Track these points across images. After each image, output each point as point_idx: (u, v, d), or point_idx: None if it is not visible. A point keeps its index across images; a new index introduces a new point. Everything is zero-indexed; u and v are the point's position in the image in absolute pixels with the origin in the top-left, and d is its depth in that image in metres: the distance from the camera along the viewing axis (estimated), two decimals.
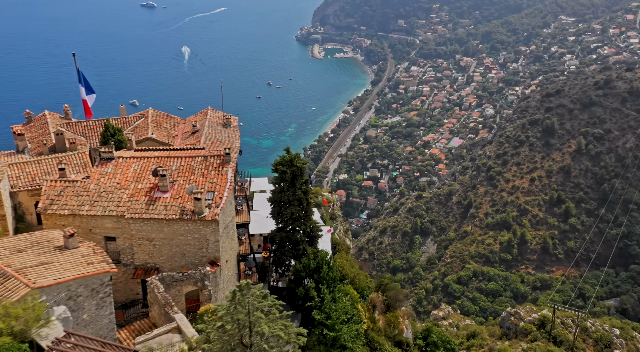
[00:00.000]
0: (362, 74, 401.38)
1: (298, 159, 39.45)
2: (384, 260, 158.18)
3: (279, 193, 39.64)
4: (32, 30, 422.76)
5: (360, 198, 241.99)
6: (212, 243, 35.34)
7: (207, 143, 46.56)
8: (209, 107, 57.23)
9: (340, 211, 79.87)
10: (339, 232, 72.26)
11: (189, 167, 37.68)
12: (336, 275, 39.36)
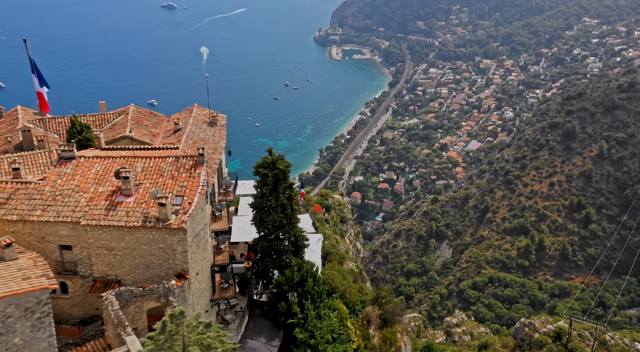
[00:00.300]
0: (379, 76, 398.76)
1: (281, 160, 36.45)
2: (398, 264, 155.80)
3: (260, 198, 36.77)
4: (55, 30, 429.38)
5: (376, 200, 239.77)
6: (180, 254, 31.70)
7: (188, 142, 43.38)
8: (195, 104, 53.62)
9: (352, 214, 78.04)
10: (350, 235, 70.77)
11: (157, 169, 34.10)
12: (323, 289, 36.18)
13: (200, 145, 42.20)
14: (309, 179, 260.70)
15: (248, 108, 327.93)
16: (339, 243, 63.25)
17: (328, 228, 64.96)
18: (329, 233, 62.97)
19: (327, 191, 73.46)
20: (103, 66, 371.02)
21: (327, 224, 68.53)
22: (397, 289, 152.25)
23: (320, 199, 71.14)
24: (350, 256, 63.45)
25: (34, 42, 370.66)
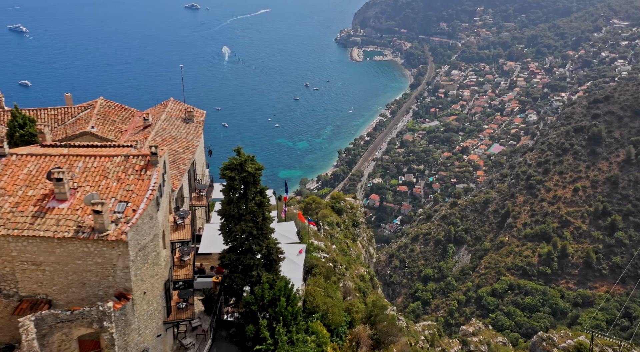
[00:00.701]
0: (401, 77, 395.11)
1: (251, 162, 31.87)
2: (415, 268, 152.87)
3: (227, 205, 32.42)
4: (80, 30, 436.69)
5: (395, 203, 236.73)
6: (121, 270, 26.94)
7: (156, 140, 38.95)
8: (171, 98, 49.25)
9: (364, 217, 75.79)
10: (362, 239, 68.68)
11: (101, 169, 29.19)
12: (298, 310, 31.67)
13: (170, 143, 39.78)
14: (327, 180, 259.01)
15: (268, 109, 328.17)
16: (349, 247, 61.18)
17: (339, 232, 62.72)
18: (340, 237, 60.87)
19: (339, 194, 71.35)
20: (127, 66, 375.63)
21: (358, 226, 66.58)
22: (413, 294, 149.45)
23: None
24: (361, 261, 61.36)
25: (60, 42, 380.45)
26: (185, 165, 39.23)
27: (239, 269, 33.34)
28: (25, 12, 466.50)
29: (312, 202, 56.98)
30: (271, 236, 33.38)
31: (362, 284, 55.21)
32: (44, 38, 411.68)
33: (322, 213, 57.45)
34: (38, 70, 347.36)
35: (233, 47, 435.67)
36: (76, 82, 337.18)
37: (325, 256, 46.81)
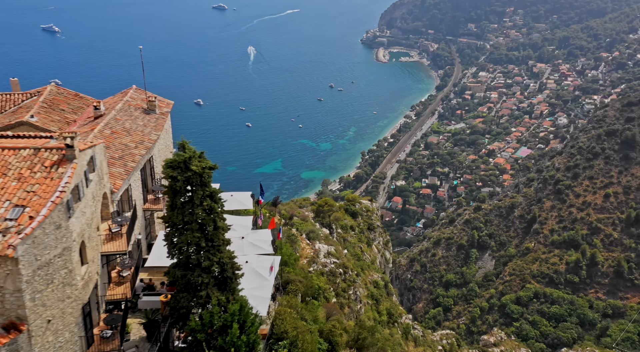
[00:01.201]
0: (427, 79, 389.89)
1: (197, 159, 26.20)
2: (436, 273, 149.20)
3: (171, 211, 27.06)
4: (111, 30, 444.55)
5: (418, 206, 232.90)
6: (10, 294, 21.24)
7: (104, 132, 33.94)
8: (133, 86, 43.51)
9: (381, 221, 73.28)
10: (378, 244, 66.29)
11: (1, 165, 24.05)
12: (256, 338, 25.92)
13: (121, 136, 34.46)
14: (349, 182, 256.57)
15: (292, 109, 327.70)
16: (364, 252, 58.90)
17: (353, 236, 60.40)
18: (354, 241, 58.63)
19: (355, 196, 68.91)
20: (154, 66, 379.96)
21: (374, 230, 63.87)
22: (434, 299, 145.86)
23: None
24: (376, 267, 58.97)
25: (90, 42, 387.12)
26: (134, 162, 33.17)
27: (185, 288, 27.53)
28: (58, 12, 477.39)
29: (324, 205, 54.78)
30: (227, 248, 27.50)
31: (376, 291, 52.87)
32: (75, 38, 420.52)
33: (335, 216, 55.22)
34: (68, 70, 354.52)
35: (259, 47, 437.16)
36: (104, 82, 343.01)
37: (335, 261, 44.69)
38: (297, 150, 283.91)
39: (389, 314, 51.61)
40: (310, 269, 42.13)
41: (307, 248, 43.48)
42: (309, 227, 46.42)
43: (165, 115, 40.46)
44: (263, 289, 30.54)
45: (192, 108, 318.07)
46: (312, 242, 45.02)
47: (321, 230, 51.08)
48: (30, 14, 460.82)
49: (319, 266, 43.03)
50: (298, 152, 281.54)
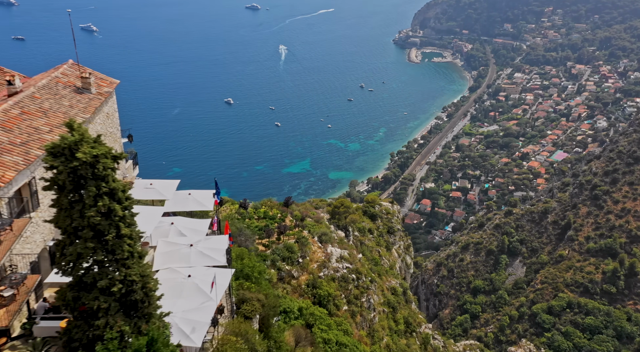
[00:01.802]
0: (459, 80, 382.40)
1: (89, 144, 19.08)
2: (464, 279, 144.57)
3: (58, 213, 20.05)
4: (146, 29, 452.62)
5: (447, 209, 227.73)
6: None
7: (10, 113, 27.82)
8: (69, 61, 36.40)
9: (401, 224, 70.35)
10: (399, 248, 63.40)
11: None
12: None
13: (34, 118, 28.23)
14: (377, 183, 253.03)
15: (322, 109, 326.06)
16: (382, 257, 56.12)
17: (371, 239, 57.66)
18: (371, 244, 56.00)
19: (374, 197, 65.76)
20: (186, 64, 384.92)
21: (394, 233, 60.84)
22: (462, 306, 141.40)
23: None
24: (394, 272, 56.17)
25: (126, 41, 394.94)
26: (42, 150, 26.08)
27: (81, 315, 20.57)
28: (97, 12, 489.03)
29: (340, 206, 52.30)
30: (138, 261, 20.61)
31: (393, 298, 50.15)
32: (111, 37, 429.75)
33: (351, 218, 52.59)
34: (104, 69, 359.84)
35: (290, 47, 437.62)
36: (138, 80, 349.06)
37: (347, 266, 42.22)
38: (326, 150, 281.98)
39: (407, 323, 48.87)
40: (321, 274, 39.75)
41: (318, 252, 41.11)
42: (321, 230, 44.04)
43: (104, 95, 33.39)
44: (203, 311, 24.12)
45: (222, 107, 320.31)
46: (324, 246, 42.61)
47: (336, 232, 48.61)
48: (71, 13, 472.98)
49: (330, 271, 40.67)
50: (326, 153, 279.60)
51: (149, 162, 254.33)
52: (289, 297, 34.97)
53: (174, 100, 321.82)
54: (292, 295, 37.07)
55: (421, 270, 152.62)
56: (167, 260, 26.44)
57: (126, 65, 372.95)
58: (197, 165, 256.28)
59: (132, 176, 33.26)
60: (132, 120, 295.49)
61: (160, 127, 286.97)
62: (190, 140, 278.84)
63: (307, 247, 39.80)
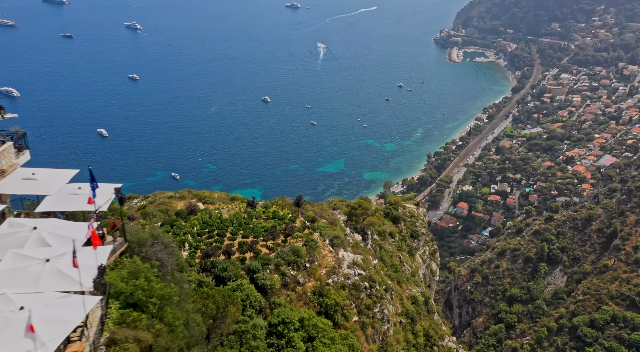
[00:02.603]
0: (502, 80, 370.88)
1: None
2: (499, 286, 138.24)
3: None
4: (188, 28, 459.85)
5: (485, 213, 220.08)
6: None
7: None
8: None
9: (427, 228, 66.18)
10: (423, 253, 59.45)
11: None
12: None
13: None
14: (413, 184, 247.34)
15: (358, 108, 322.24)
16: (402, 263, 52.37)
17: (392, 243, 54.00)
18: (391, 249, 52.17)
19: (397, 199, 61.62)
20: (225, 62, 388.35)
21: (418, 237, 56.87)
22: (496, 315, 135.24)
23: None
24: (416, 280, 52.16)
25: (168, 39, 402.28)
26: None
27: None
28: (141, 10, 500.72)
29: (357, 207, 48.84)
30: None
31: (413, 308, 46.44)
32: (154, 35, 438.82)
33: (369, 221, 49.06)
34: (146, 65, 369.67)
35: (329, 46, 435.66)
36: (178, 77, 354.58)
37: (360, 272, 38.96)
38: (361, 150, 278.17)
39: (427, 336, 45.04)
40: (329, 280, 36.31)
41: (329, 256, 37.75)
42: (333, 232, 40.80)
43: None
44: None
45: (259, 105, 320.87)
46: (335, 250, 39.36)
47: (351, 236, 45.25)
48: (117, 12, 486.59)
49: (340, 278, 36.68)
50: (362, 152, 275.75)
51: (184, 159, 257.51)
52: (289, 306, 32.16)
53: (212, 98, 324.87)
54: (297, 303, 34.04)
55: (454, 276, 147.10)
56: (5, 282, 18.02)
57: (167, 63, 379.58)
58: (232, 163, 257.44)
59: (13, 162, 25.63)
60: (170, 117, 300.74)
61: (197, 125, 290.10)
62: (226, 137, 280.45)
63: (317, 251, 36.70)
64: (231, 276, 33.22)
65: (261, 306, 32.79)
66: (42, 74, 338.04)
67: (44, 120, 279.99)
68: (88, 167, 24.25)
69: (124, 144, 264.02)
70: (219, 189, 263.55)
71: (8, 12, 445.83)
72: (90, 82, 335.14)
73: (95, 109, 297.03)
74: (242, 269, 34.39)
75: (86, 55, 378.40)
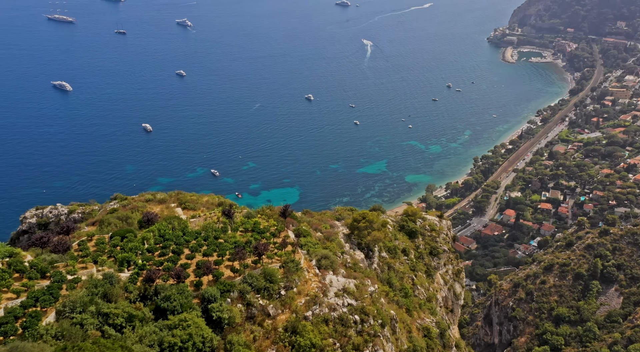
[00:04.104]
0: (559, 82, 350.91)
1: None
2: (545, 304, 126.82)
3: None
4: (237, 25, 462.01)
5: (534, 222, 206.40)
6: None
7: None
8: None
9: (451, 243, 57.74)
10: (445, 273, 51.50)
11: None
12: None
13: None
14: (457, 189, 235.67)
15: (404, 109, 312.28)
16: (415, 286, 44.46)
17: (405, 262, 45.85)
18: (403, 269, 43.80)
19: (416, 209, 52.74)
20: (271, 60, 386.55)
21: (438, 256, 48.65)
22: (541, 335, 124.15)
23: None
24: (432, 306, 43.82)
25: (217, 36, 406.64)
26: None
27: None
28: (194, 8, 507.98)
29: (360, 219, 40.99)
30: None
31: (424, 342, 38.57)
32: (204, 32, 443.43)
33: (374, 236, 41.11)
34: (194, 62, 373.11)
35: (377, 44, 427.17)
36: (224, 74, 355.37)
37: (350, 302, 31.83)
38: (404, 151, 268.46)
39: None
40: (308, 312, 29.16)
41: (313, 281, 30.51)
42: (322, 252, 33.59)
43: None
44: None
45: (302, 103, 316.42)
46: (322, 273, 32.13)
47: (352, 253, 38.04)
48: (170, 9, 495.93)
49: (323, 309, 29.78)
50: (405, 154, 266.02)
51: (225, 156, 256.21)
52: (251, 348, 25.42)
53: (256, 95, 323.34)
54: (262, 342, 26.58)
55: (495, 289, 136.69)
56: None
57: (214, 59, 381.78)
58: (271, 161, 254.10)
59: None
60: (213, 114, 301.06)
61: (239, 122, 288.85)
62: (268, 135, 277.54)
63: (297, 274, 29.85)
64: (175, 308, 26.56)
65: (212, 347, 25.89)
66: (94, 69, 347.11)
67: (93, 113, 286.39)
68: None
69: (166, 139, 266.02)
70: (256, 188, 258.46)
71: (68, 9, 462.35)
72: (138, 77, 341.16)
73: (141, 104, 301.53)
74: (194, 297, 27.71)
75: (137, 51, 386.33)
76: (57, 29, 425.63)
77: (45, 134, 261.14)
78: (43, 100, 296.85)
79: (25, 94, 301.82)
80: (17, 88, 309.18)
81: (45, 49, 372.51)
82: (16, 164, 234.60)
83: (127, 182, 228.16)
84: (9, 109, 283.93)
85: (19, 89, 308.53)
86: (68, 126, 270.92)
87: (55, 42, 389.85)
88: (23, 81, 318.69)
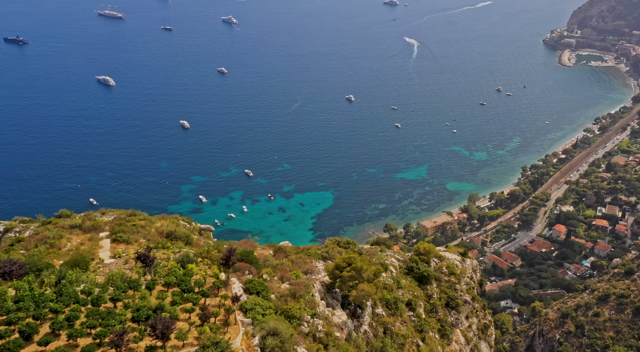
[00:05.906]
0: (621, 88, 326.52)
1: None
2: (598, 341, 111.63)
3: None
4: (282, 23, 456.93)
5: (587, 239, 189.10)
6: None
7: None
8: None
9: (478, 288, 45.99)
10: (467, 329, 40.45)
11: None
12: None
13: None
14: (502, 200, 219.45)
15: (449, 112, 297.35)
16: None
17: (411, 320, 33.75)
18: (406, 333, 31.66)
19: (430, 247, 39.70)
20: (313, 59, 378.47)
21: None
22: None
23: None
24: None
25: (261, 34, 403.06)
26: None
27: None
28: (241, 5, 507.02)
29: (345, 266, 28.23)
30: None
31: None
32: (248, 29, 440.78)
33: (362, 291, 29.12)
34: (236, 59, 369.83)
35: (424, 45, 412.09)
36: (265, 72, 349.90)
37: None
38: (447, 157, 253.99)
39: None
40: None
41: None
42: (273, 324, 22.81)
43: None
44: None
45: (342, 104, 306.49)
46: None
47: (328, 315, 27.61)
48: (217, 6, 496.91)
49: None
50: (447, 160, 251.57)
51: (260, 156, 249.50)
52: None
53: (296, 95, 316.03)
54: None
55: (540, 318, 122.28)
56: None
57: (256, 57, 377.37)
58: (307, 163, 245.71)
59: None
60: (251, 112, 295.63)
61: (277, 121, 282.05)
62: (305, 136, 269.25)
63: None
64: None
65: None
66: (138, 64, 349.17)
67: (133, 107, 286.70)
68: None
69: (203, 136, 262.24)
70: (290, 190, 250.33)
71: (118, 4, 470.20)
72: (180, 73, 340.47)
73: (181, 100, 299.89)
74: None
75: (181, 48, 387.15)
76: (106, 24, 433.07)
77: (86, 128, 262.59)
78: (86, 94, 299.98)
79: (71, 88, 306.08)
80: (64, 82, 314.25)
81: (94, 44, 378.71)
82: (56, 157, 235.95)
83: (160, 179, 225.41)
84: (55, 101, 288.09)
85: (65, 82, 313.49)
86: (107, 120, 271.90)
87: (103, 38, 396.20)
88: (69, 75, 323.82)
